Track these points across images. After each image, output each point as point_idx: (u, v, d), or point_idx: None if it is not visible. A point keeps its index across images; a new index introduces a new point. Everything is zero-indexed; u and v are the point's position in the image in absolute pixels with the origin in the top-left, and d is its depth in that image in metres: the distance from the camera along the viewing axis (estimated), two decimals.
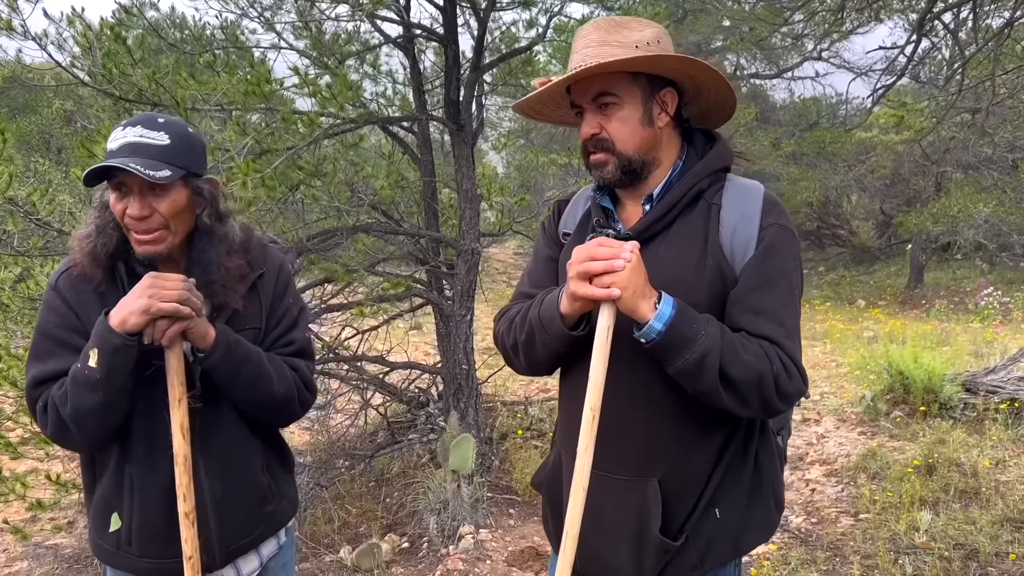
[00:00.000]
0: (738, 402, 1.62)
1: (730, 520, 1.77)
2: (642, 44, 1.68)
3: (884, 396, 6.94)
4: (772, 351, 1.62)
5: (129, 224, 1.79)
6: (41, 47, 3.98)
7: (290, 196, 5.07)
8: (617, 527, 1.78)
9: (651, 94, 1.73)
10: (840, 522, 4.85)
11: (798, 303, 1.72)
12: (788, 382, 1.62)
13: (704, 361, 1.57)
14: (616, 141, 1.73)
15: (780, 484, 1.92)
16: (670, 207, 1.74)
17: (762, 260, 1.67)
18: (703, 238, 1.71)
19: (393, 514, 5.14)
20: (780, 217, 1.72)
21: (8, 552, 5.03)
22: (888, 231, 18.88)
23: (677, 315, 1.58)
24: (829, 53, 15.86)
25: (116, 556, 1.97)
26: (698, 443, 1.75)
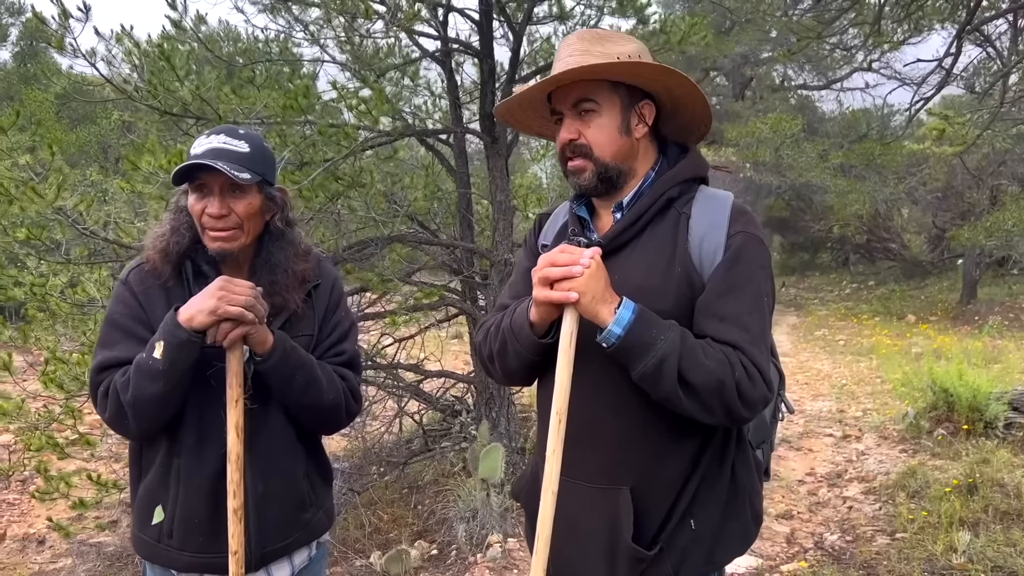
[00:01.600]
0: (700, 408, 1.63)
1: (705, 531, 1.76)
2: (623, 56, 1.72)
3: (927, 413, 6.80)
4: (735, 357, 1.62)
5: (206, 222, 1.93)
6: (91, 63, 4.15)
7: (330, 206, 5.19)
8: (590, 536, 1.79)
9: (630, 104, 1.76)
10: (876, 541, 4.76)
11: (765, 310, 1.72)
12: (751, 388, 1.62)
13: (662, 365, 1.58)
14: (594, 147, 1.75)
15: (758, 496, 1.91)
16: (639, 215, 1.76)
17: (728, 267, 1.69)
18: (672, 246, 1.73)
19: (424, 521, 5.20)
20: (748, 225, 1.73)
21: (54, 549, 5.21)
22: (941, 245, 18.43)
23: (636, 320, 1.60)
24: (880, 64, 15.60)
25: (156, 549, 2.05)
26: (670, 452, 1.75)
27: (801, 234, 21.73)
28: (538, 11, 5.48)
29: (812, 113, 20.75)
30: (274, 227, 2.04)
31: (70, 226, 3.85)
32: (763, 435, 1.97)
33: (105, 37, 4.42)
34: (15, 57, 20.10)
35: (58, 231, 3.88)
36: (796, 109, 19.58)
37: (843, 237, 19.87)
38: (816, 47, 10.77)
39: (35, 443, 4.26)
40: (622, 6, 5.48)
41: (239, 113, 4.42)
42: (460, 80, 5.88)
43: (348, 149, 4.57)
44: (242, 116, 4.47)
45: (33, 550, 5.27)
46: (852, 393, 9.03)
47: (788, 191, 18.80)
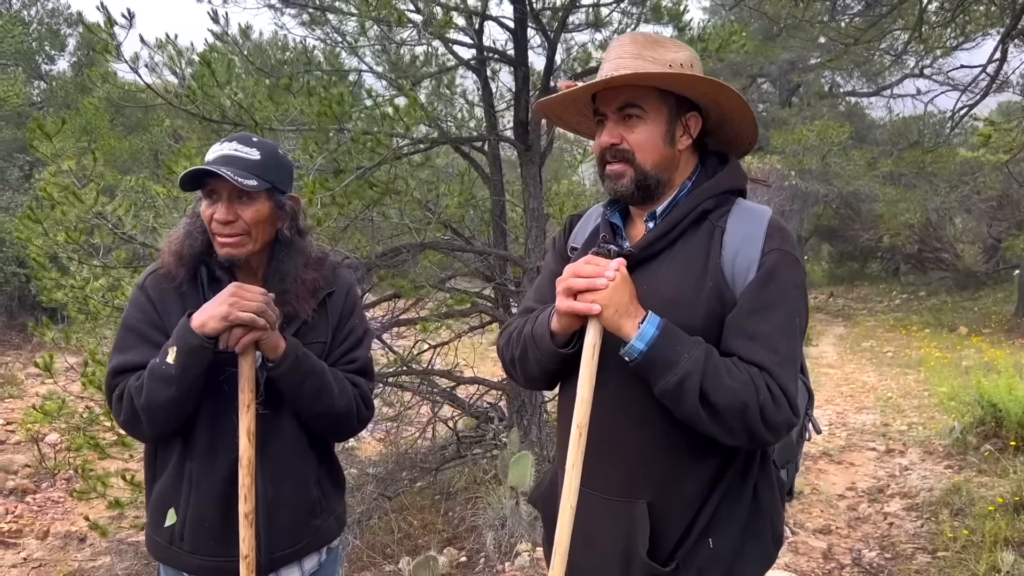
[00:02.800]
0: (722, 429, 1.59)
1: (724, 551, 1.72)
2: (676, 64, 1.69)
3: (974, 429, 6.60)
4: (761, 379, 1.58)
5: (215, 228, 1.96)
6: (133, 69, 4.25)
7: (365, 213, 5.25)
8: (606, 548, 1.76)
9: (677, 115, 1.73)
10: (916, 559, 4.64)
11: (797, 332, 1.67)
12: (775, 412, 1.57)
13: (684, 384, 1.55)
14: (636, 153, 1.72)
15: (779, 518, 1.86)
16: (672, 226, 1.72)
17: (761, 285, 1.64)
18: (704, 259, 1.69)
19: (454, 528, 5.21)
20: (784, 243, 1.68)
21: (94, 547, 5.34)
22: (995, 255, 17.91)
23: (660, 336, 1.57)
24: (932, 70, 15.27)
25: (168, 551, 2.08)
26: (690, 468, 1.71)
27: (850, 243, 21.31)
28: (573, 19, 5.47)
29: (861, 120, 20.37)
30: (283, 236, 2.06)
31: (110, 231, 3.94)
32: (789, 455, 1.92)
33: (149, 45, 4.53)
34: (72, 67, 20.78)
35: (97, 235, 3.98)
36: (844, 116, 19.24)
37: (893, 246, 19.42)
38: (865, 53, 10.58)
39: (77, 443, 4.37)
40: (658, 13, 5.44)
41: (275, 120, 4.50)
42: (495, 88, 5.89)
43: (380, 157, 4.61)
44: (278, 123, 4.54)
45: (74, 547, 5.41)
46: (898, 406, 8.81)
47: (835, 199, 18.46)
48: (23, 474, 6.89)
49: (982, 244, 19.20)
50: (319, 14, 5.47)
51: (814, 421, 2.00)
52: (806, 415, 1.94)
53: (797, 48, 16.51)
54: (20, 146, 14.26)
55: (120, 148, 14.85)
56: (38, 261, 4.03)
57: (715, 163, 1.83)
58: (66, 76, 20.34)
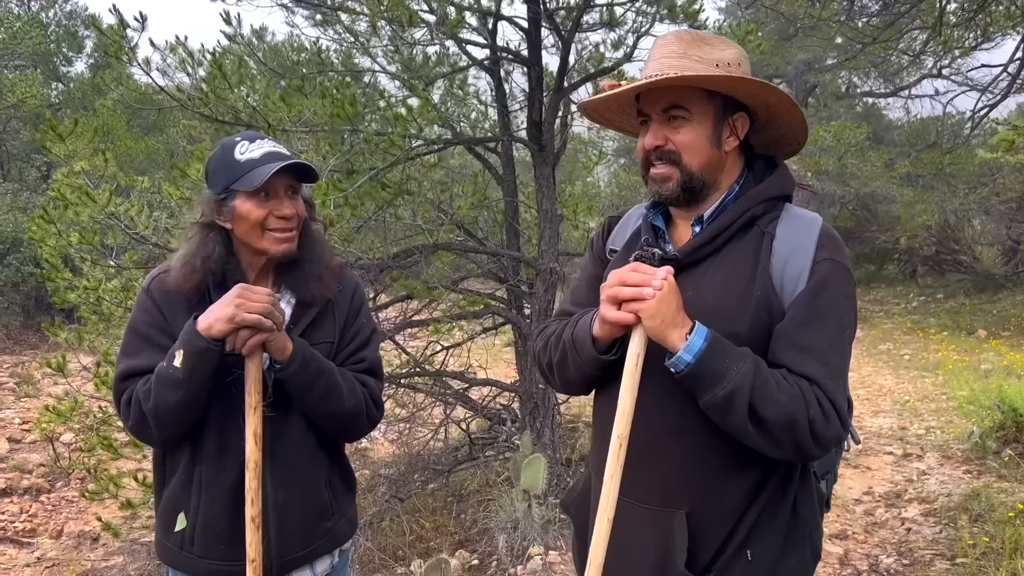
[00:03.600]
0: (769, 443, 1.56)
1: (762, 564, 1.68)
2: (723, 64, 1.65)
3: (994, 433, 6.51)
4: (811, 392, 1.54)
5: (274, 224, 1.97)
6: (146, 73, 4.26)
7: (378, 214, 5.24)
8: (641, 557, 1.73)
9: (723, 116, 1.69)
10: (934, 565, 4.57)
11: (847, 344, 1.63)
12: (825, 426, 1.54)
13: (733, 398, 1.51)
14: (683, 154, 1.68)
15: (819, 532, 1.82)
16: (721, 230, 1.68)
17: (812, 296, 1.60)
18: (752, 267, 1.65)
19: (466, 530, 5.18)
20: (836, 253, 1.64)
21: (107, 547, 5.36)
22: (1015, 257, 17.69)
23: (708, 348, 1.53)
24: (950, 70, 15.11)
25: (178, 556, 2.07)
26: (730, 479, 1.68)
27: (867, 245, 21.13)
28: (587, 18, 5.44)
29: (878, 121, 20.18)
30: (307, 226, 2.08)
31: (123, 231, 3.95)
32: (827, 466, 1.89)
33: (160, 48, 4.54)
34: (90, 68, 20.94)
35: (111, 236, 3.98)
36: (861, 117, 19.08)
37: (911, 248, 19.23)
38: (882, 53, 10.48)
39: (91, 443, 4.38)
40: (673, 12, 5.39)
41: (288, 121, 4.49)
42: (509, 88, 5.86)
43: (394, 158, 4.60)
44: (291, 124, 4.53)
45: (87, 547, 5.43)
46: (915, 410, 8.71)
47: (852, 201, 18.30)
48: (38, 473, 6.93)
49: (1001, 246, 18.97)
50: (331, 14, 5.46)
51: (852, 431, 1.95)
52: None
53: (814, 48, 16.37)
54: (38, 147, 14.33)
55: (136, 149, 14.93)
56: (51, 262, 4.05)
57: (763, 167, 1.79)
58: (84, 78, 20.50)
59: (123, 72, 6.42)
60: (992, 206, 17.01)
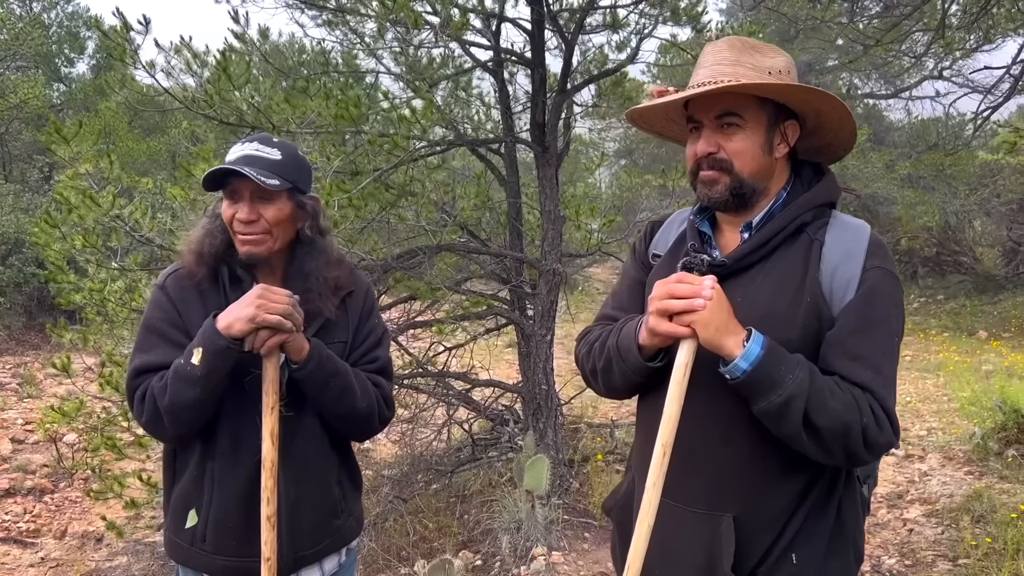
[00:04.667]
0: (821, 450, 1.57)
1: (807, 568, 1.68)
2: (774, 71, 1.67)
3: (996, 434, 6.52)
4: (864, 401, 1.55)
5: (236, 227, 1.97)
6: (151, 75, 4.27)
7: (382, 215, 5.25)
8: (686, 561, 1.73)
9: (775, 123, 1.70)
10: (936, 566, 4.58)
11: (897, 352, 1.64)
12: (878, 434, 1.55)
13: (789, 406, 1.52)
14: (735, 162, 1.68)
15: (861, 536, 1.82)
16: (770, 237, 1.69)
17: (864, 304, 1.61)
18: (802, 273, 1.65)
19: (470, 531, 5.19)
20: (885, 261, 1.65)
21: (111, 547, 5.36)
22: (1016, 259, 17.69)
23: (766, 355, 1.54)
24: (952, 72, 15.11)
25: (190, 553, 2.08)
26: (777, 484, 1.68)
27: None
28: (590, 21, 5.45)
29: (879, 122, 20.18)
30: (304, 235, 2.06)
31: (127, 234, 3.96)
32: (869, 471, 1.90)
33: (165, 49, 4.55)
34: (92, 70, 20.96)
35: (115, 238, 3.99)
36: (862, 118, 19.08)
37: (911, 250, 19.22)
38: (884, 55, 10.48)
39: (95, 443, 4.39)
40: (676, 15, 5.40)
41: (292, 123, 4.50)
42: (512, 90, 5.88)
43: (398, 159, 4.61)
44: (295, 126, 4.54)
45: (91, 547, 5.43)
46: (917, 411, 8.72)
47: (853, 202, 18.30)
48: (41, 474, 6.93)
49: (1002, 247, 18.96)
50: (337, 15, 5.47)
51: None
52: None
53: (815, 50, 16.40)
54: (40, 148, 14.38)
55: (139, 150, 14.94)
56: (56, 264, 4.05)
57: (810, 173, 1.79)
58: (86, 79, 20.51)
59: (126, 74, 6.43)
60: (993, 207, 17.00)
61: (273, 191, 1.94)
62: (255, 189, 1.94)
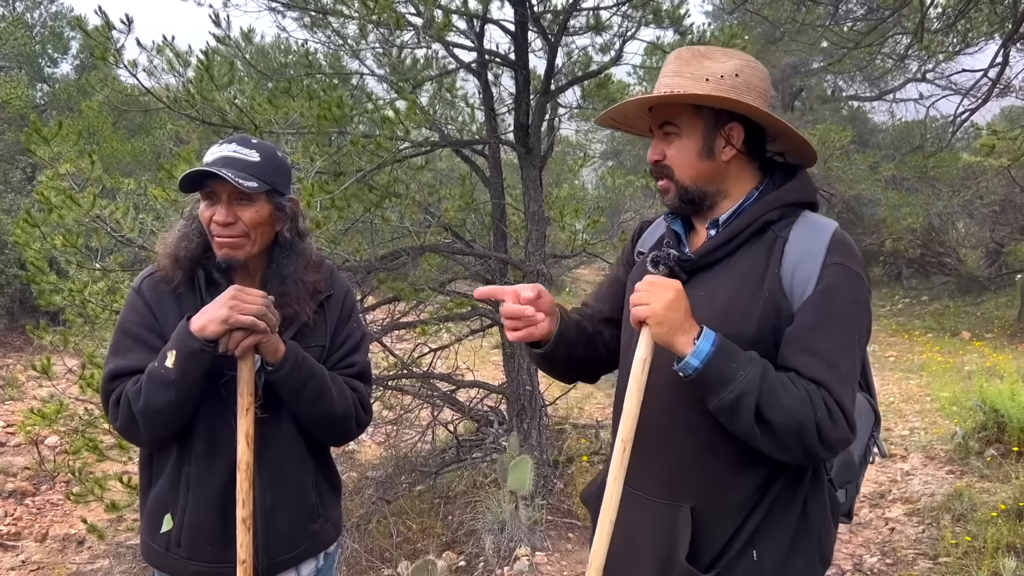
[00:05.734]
0: (776, 446, 1.58)
1: (767, 564, 1.70)
2: (714, 77, 1.68)
3: (976, 434, 6.57)
4: (819, 396, 1.56)
5: (214, 230, 1.95)
6: (132, 75, 4.25)
7: (365, 216, 5.24)
8: (646, 549, 1.77)
9: (715, 127, 1.72)
10: (917, 564, 4.62)
11: (856, 348, 1.65)
12: (832, 429, 1.56)
13: (740, 402, 1.54)
14: (675, 170, 1.74)
15: (829, 538, 1.82)
16: (735, 234, 1.72)
17: (821, 300, 1.62)
18: (763, 269, 1.68)
19: (453, 532, 5.19)
20: (847, 258, 1.66)
21: (92, 550, 5.33)
22: (998, 260, 17.84)
23: (716, 352, 1.56)
24: (934, 75, 15.23)
25: (165, 558, 2.06)
26: (736, 476, 1.70)
27: None
28: (574, 23, 5.46)
29: (863, 124, 20.34)
30: (283, 238, 2.05)
31: (109, 234, 3.94)
32: (849, 476, 1.90)
33: (147, 48, 4.52)
34: (76, 70, 20.82)
35: (96, 239, 3.97)
36: (847, 120, 19.21)
37: (896, 251, 19.36)
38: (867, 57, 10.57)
39: (76, 445, 4.36)
40: (659, 17, 5.43)
41: (275, 123, 4.49)
42: (496, 91, 5.88)
43: (382, 160, 4.61)
44: (279, 127, 4.53)
45: (73, 550, 5.39)
46: (899, 411, 8.78)
47: (838, 203, 18.43)
48: (22, 476, 6.88)
49: (985, 249, 19.12)
50: (320, 17, 5.45)
51: (879, 444, 1.97)
52: (871, 437, 1.92)
53: (799, 52, 16.50)
54: (22, 149, 14.23)
55: (122, 151, 14.84)
56: (36, 265, 4.03)
57: (782, 174, 1.81)
58: (69, 79, 20.37)
59: (109, 74, 6.40)
60: (976, 209, 17.16)
61: (251, 193, 1.93)
62: (233, 191, 1.92)
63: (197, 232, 2.01)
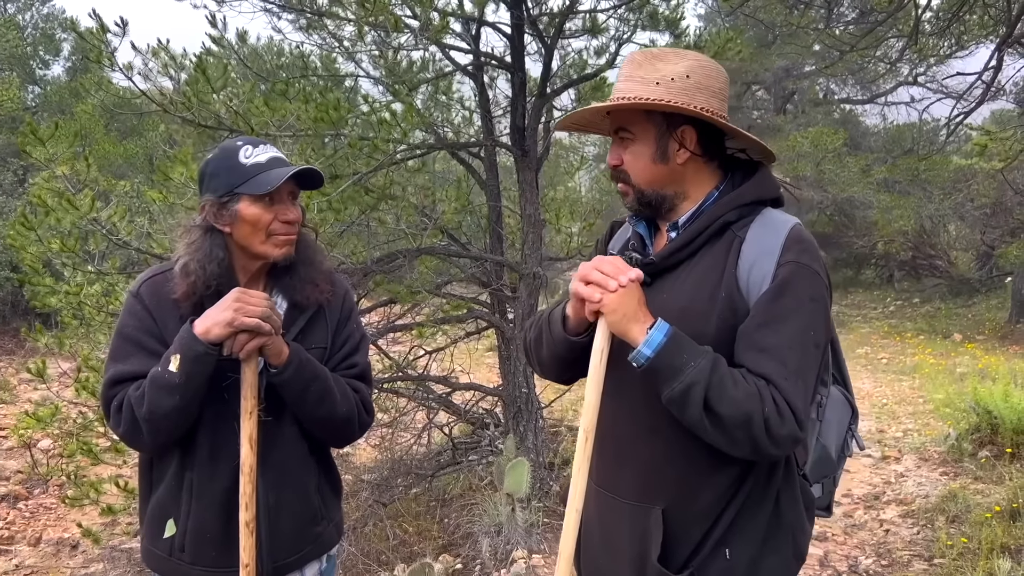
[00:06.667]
0: (726, 440, 1.59)
1: (740, 563, 1.70)
2: (664, 80, 1.68)
3: (970, 435, 6.60)
4: (768, 392, 1.56)
5: (278, 229, 1.95)
6: (127, 77, 4.24)
7: (361, 218, 5.24)
8: (621, 551, 1.78)
9: (667, 131, 1.72)
10: (912, 566, 4.63)
11: (810, 345, 1.64)
12: (780, 425, 1.55)
13: (689, 393, 1.55)
14: (631, 174, 1.75)
15: (803, 534, 1.82)
16: (694, 236, 1.72)
17: (772, 297, 1.62)
18: (722, 270, 1.68)
19: (450, 535, 5.18)
20: (802, 255, 1.65)
21: (86, 554, 5.30)
22: (989, 262, 17.95)
23: (667, 343, 1.57)
24: (926, 78, 15.33)
25: (167, 563, 2.04)
26: (707, 476, 1.71)
27: (844, 250, 21.35)
28: (570, 25, 5.48)
29: (855, 127, 20.44)
30: (302, 230, 2.08)
31: (104, 237, 3.92)
32: (826, 470, 1.90)
33: (142, 51, 4.51)
34: (68, 72, 20.74)
35: (92, 242, 3.95)
36: (839, 123, 19.31)
37: (888, 253, 19.45)
38: (859, 60, 10.63)
39: (70, 449, 4.34)
40: (655, 20, 5.45)
41: (271, 125, 4.48)
42: (492, 94, 5.89)
43: (378, 162, 4.61)
44: (274, 129, 4.52)
45: (67, 554, 5.37)
46: (893, 413, 8.82)
47: (830, 206, 18.52)
48: (15, 480, 6.85)
49: (976, 251, 19.24)
50: (316, 19, 5.45)
51: (857, 437, 1.97)
52: (848, 430, 1.92)
53: (792, 55, 16.58)
54: (14, 151, 14.19)
55: (115, 153, 14.79)
56: (32, 267, 4.00)
57: (742, 173, 1.81)
58: (61, 81, 20.29)
59: (103, 76, 6.38)
60: (967, 212, 17.24)
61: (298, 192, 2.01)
62: (292, 189, 1.97)
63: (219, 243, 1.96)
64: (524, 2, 5.21)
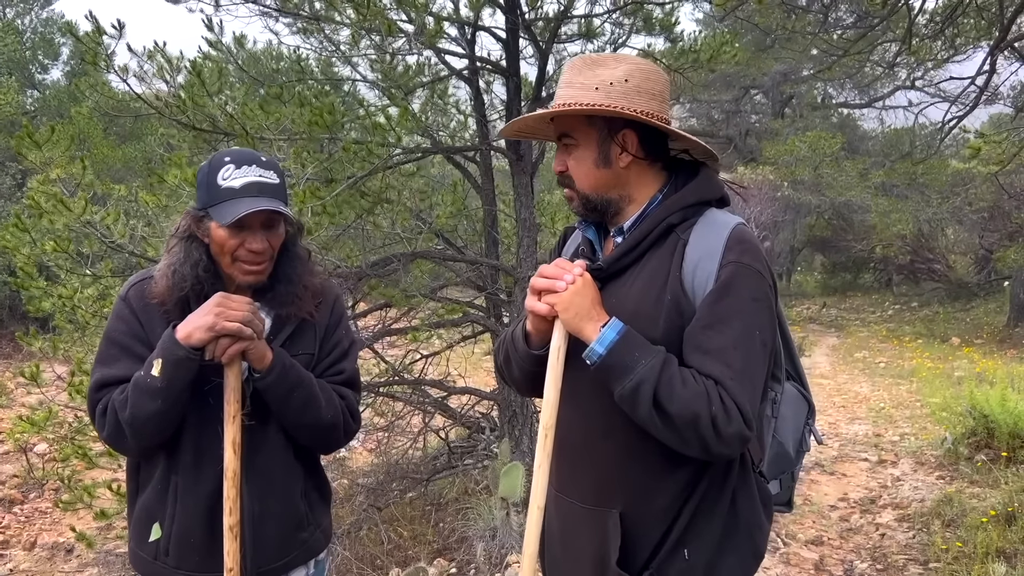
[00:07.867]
0: (675, 438, 1.59)
1: (699, 563, 1.71)
2: (604, 85, 1.68)
3: (966, 439, 6.61)
4: (715, 392, 1.57)
5: (244, 257, 1.93)
6: (123, 80, 4.24)
7: (357, 222, 5.24)
8: (581, 555, 1.78)
9: (608, 135, 1.72)
10: (908, 570, 4.62)
11: (755, 344, 1.64)
12: (727, 424, 1.56)
13: (639, 391, 1.56)
14: (575, 180, 1.76)
15: (761, 532, 1.83)
16: (638, 241, 1.73)
17: (715, 299, 1.63)
18: (667, 273, 1.69)
19: (444, 539, 5.18)
20: (743, 255, 1.65)
21: (81, 558, 5.29)
22: (987, 266, 17.98)
23: (619, 341, 1.59)
24: (923, 82, 15.37)
25: (152, 566, 2.04)
26: (662, 478, 1.71)
27: (843, 254, 21.40)
28: (565, 30, 5.49)
29: (853, 131, 20.50)
30: (289, 243, 2.06)
31: (98, 239, 3.92)
32: (783, 467, 1.91)
33: (138, 54, 4.51)
34: (66, 76, 20.75)
35: (86, 245, 3.95)
36: (837, 127, 19.37)
37: (886, 257, 19.48)
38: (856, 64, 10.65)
39: (65, 453, 4.34)
40: (650, 24, 5.46)
41: (266, 129, 4.49)
42: (488, 98, 5.90)
43: (374, 166, 4.61)
44: (269, 132, 4.53)
45: (61, 558, 5.36)
46: (890, 417, 8.82)
47: (828, 210, 18.54)
48: (11, 484, 6.84)
49: (974, 255, 19.28)
50: (312, 23, 5.46)
51: (815, 432, 1.98)
52: (806, 426, 1.93)
53: (789, 59, 16.60)
54: (12, 155, 14.18)
55: (113, 157, 14.79)
56: (26, 270, 4.00)
57: (685, 175, 1.81)
58: (60, 85, 20.30)
59: (100, 79, 6.38)
60: (965, 216, 17.28)
61: (276, 218, 1.94)
62: (266, 219, 1.92)
63: (200, 251, 1.96)
64: (519, 6, 5.22)
